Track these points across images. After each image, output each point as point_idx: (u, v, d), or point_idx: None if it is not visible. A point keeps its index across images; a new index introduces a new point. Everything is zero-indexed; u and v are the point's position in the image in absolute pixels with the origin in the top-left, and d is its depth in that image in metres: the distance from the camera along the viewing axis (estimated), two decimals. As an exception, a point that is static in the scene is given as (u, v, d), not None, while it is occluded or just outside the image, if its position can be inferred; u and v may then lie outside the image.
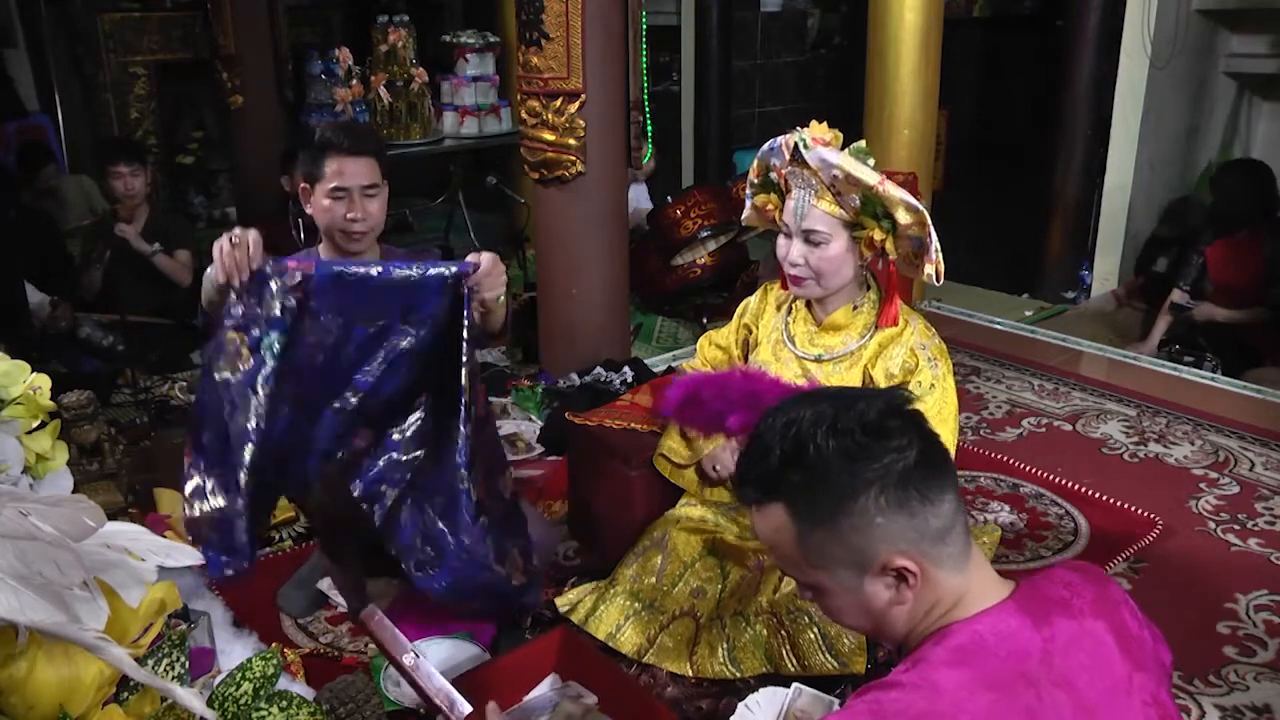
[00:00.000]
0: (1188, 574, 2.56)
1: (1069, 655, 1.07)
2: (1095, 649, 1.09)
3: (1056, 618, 1.09)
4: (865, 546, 1.09)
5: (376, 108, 4.88)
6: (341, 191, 2.24)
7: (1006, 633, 1.08)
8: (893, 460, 1.08)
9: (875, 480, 1.07)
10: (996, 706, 1.02)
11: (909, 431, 1.10)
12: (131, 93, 6.24)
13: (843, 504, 1.08)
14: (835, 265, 2.08)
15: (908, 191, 2.02)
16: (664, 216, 4.58)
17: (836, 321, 2.16)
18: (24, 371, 1.74)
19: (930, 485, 1.09)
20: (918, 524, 1.08)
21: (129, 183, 4.04)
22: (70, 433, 2.42)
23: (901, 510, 1.08)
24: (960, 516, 1.12)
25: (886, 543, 1.08)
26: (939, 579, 1.11)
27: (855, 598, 1.13)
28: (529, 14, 3.16)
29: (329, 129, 2.29)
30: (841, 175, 1.98)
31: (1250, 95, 5.15)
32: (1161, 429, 3.39)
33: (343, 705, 1.82)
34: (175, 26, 6.31)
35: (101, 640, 1.24)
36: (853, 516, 1.08)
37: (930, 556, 1.10)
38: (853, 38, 6.18)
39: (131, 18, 6.18)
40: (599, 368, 3.48)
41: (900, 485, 1.07)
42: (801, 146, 2.04)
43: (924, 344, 2.10)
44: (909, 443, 1.09)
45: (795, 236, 2.09)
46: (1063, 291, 4.99)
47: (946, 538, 1.10)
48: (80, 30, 6.05)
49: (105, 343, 3.86)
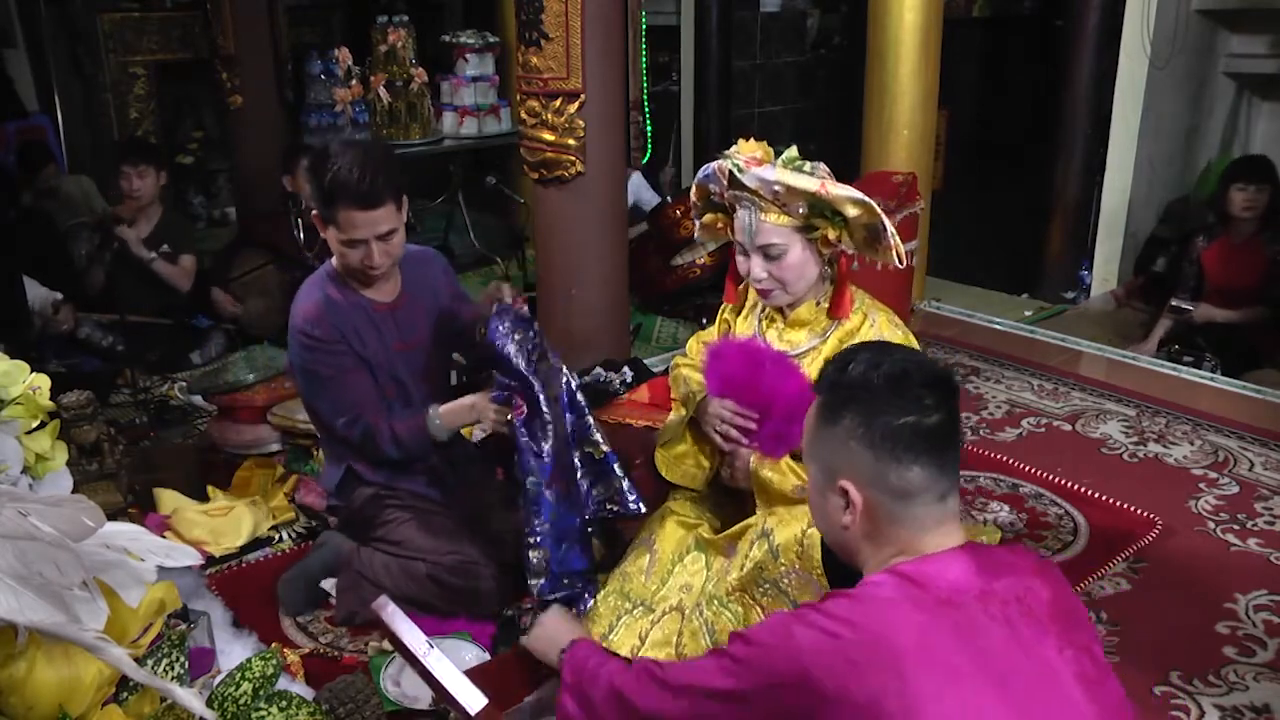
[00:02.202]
0: (1187, 574, 2.56)
1: (1008, 604, 1.20)
2: (1031, 598, 1.23)
3: (1003, 572, 1.24)
4: (834, 460, 1.31)
5: (376, 108, 4.88)
6: (357, 242, 2.19)
7: (948, 571, 1.23)
8: (887, 408, 1.26)
9: (865, 411, 1.27)
10: (926, 627, 1.16)
11: (921, 399, 1.26)
12: (131, 93, 6.23)
13: (840, 413, 1.30)
14: (798, 271, 2.10)
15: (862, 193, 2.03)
16: (664, 216, 4.58)
17: (801, 317, 2.18)
18: (24, 371, 1.74)
19: (905, 450, 1.25)
20: (878, 469, 1.26)
21: (136, 183, 4.03)
22: (70, 433, 2.42)
23: (869, 450, 1.27)
24: (929, 493, 1.26)
25: (849, 466, 1.29)
26: (884, 527, 1.28)
27: (821, 501, 1.35)
28: (528, 14, 3.16)
29: (341, 168, 2.12)
30: (782, 189, 2.01)
31: (1250, 95, 5.15)
32: (1161, 429, 3.39)
33: (342, 705, 1.83)
34: (175, 26, 6.30)
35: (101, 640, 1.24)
36: (839, 428, 1.29)
37: (881, 502, 1.27)
38: (852, 38, 6.18)
39: (131, 18, 6.18)
40: (599, 368, 3.47)
41: (879, 432, 1.26)
42: (736, 171, 2.06)
43: (885, 335, 2.11)
44: (911, 406, 1.26)
45: (752, 252, 2.11)
46: (1062, 291, 4.99)
47: (902, 498, 1.26)
48: (80, 30, 6.04)
49: (105, 343, 3.86)
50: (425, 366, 2.44)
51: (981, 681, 1.14)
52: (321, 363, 2.28)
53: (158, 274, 4.06)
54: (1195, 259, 4.10)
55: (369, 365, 2.33)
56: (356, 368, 2.31)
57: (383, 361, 2.35)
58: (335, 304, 2.30)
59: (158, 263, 4.04)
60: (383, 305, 2.36)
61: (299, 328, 2.28)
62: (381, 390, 2.36)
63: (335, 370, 2.28)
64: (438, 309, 2.46)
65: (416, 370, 2.42)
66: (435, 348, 2.47)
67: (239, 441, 3.25)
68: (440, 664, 1.61)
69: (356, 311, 2.32)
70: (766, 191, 2.04)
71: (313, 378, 2.31)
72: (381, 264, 2.23)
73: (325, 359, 2.28)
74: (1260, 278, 3.94)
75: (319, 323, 2.26)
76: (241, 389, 3.24)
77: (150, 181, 4.07)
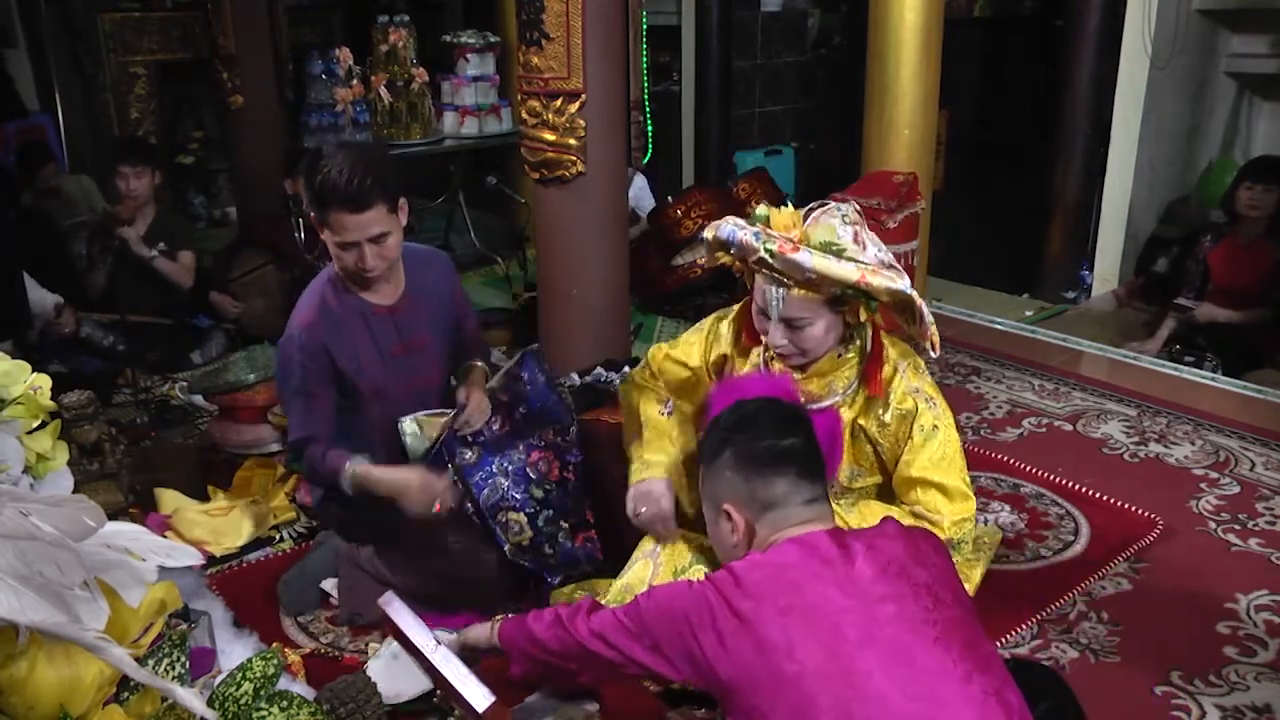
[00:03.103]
0: (1188, 574, 2.56)
1: (851, 561, 1.48)
2: (883, 545, 1.52)
3: (851, 537, 1.53)
4: (717, 492, 1.65)
5: (377, 108, 4.88)
6: (349, 244, 2.18)
7: (805, 540, 1.51)
8: (747, 439, 1.61)
9: (730, 448, 1.62)
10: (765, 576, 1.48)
11: (774, 427, 1.62)
12: (132, 93, 6.23)
13: (716, 455, 1.65)
14: (820, 340, 1.99)
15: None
16: (664, 216, 4.58)
17: (821, 369, 2.06)
18: (24, 371, 1.74)
19: (767, 467, 1.58)
20: (750, 488, 1.59)
21: (132, 183, 4.03)
22: (70, 433, 2.42)
23: (739, 473, 1.60)
24: (795, 498, 1.57)
25: (729, 492, 1.62)
26: (761, 534, 1.59)
27: (715, 531, 1.68)
28: (529, 14, 3.16)
29: (331, 170, 2.12)
30: (816, 276, 1.87)
31: (1251, 95, 5.15)
32: (1162, 429, 3.39)
33: (343, 705, 1.82)
34: (175, 26, 6.30)
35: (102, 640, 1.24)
36: (716, 465, 1.64)
37: (755, 516, 1.59)
38: (853, 38, 6.17)
39: (132, 18, 6.17)
40: (599, 368, 3.47)
41: (744, 457, 1.60)
42: (768, 256, 1.88)
43: (917, 387, 2.01)
44: (768, 433, 1.61)
45: (774, 320, 1.97)
46: (1063, 291, 4.99)
47: (773, 508, 1.58)
48: (80, 30, 6.04)
49: (105, 342, 3.86)
50: (422, 369, 2.43)
51: (815, 616, 1.43)
52: (295, 373, 2.29)
53: (159, 272, 4.06)
54: (1201, 258, 4.10)
55: (348, 379, 2.32)
56: (323, 390, 2.30)
57: (372, 369, 2.34)
58: (330, 311, 2.30)
59: (158, 260, 4.04)
60: (382, 308, 2.36)
61: (291, 331, 2.30)
62: (358, 404, 2.35)
63: (302, 384, 2.30)
64: (440, 311, 2.46)
65: (412, 373, 2.40)
66: (435, 351, 2.46)
67: (239, 441, 3.25)
68: (447, 661, 1.60)
69: (353, 317, 2.32)
70: (798, 275, 1.89)
71: (284, 381, 2.34)
72: (375, 266, 2.22)
73: (300, 371, 2.29)
74: (1266, 279, 3.93)
75: (310, 331, 2.27)
76: (242, 389, 3.24)
77: (146, 181, 4.07)
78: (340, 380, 2.32)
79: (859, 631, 1.41)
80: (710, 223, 2.07)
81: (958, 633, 1.44)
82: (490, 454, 2.38)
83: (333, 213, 2.14)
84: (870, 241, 1.92)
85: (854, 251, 1.87)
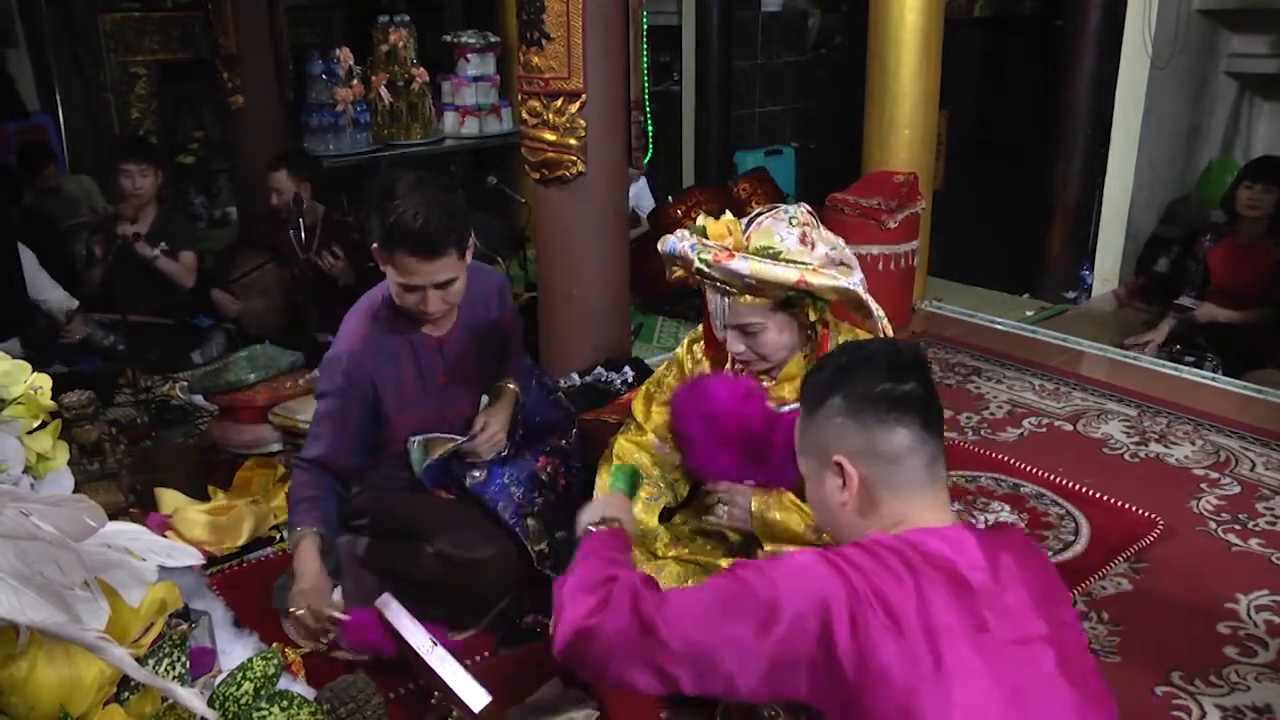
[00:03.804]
0: (1188, 574, 2.56)
1: (1005, 588, 1.23)
2: (1025, 578, 1.27)
3: (999, 552, 1.27)
4: (824, 442, 1.35)
5: (377, 108, 4.88)
6: (414, 288, 2.08)
7: (948, 544, 1.25)
8: (863, 381, 1.33)
9: (844, 389, 1.34)
10: (924, 590, 1.20)
11: (893, 370, 1.33)
12: (132, 93, 6.23)
13: (822, 400, 1.36)
14: (777, 344, 1.97)
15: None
16: (665, 216, 4.58)
17: (789, 373, 2.04)
18: (24, 371, 1.74)
19: (889, 414, 1.31)
20: (866, 437, 1.31)
21: (137, 182, 4.04)
22: (71, 432, 2.42)
23: (856, 420, 1.32)
24: (917, 456, 1.31)
25: (839, 442, 1.33)
26: (880, 496, 1.32)
27: (818, 490, 1.38)
28: (529, 14, 3.16)
29: (405, 211, 1.97)
30: (755, 281, 1.85)
31: (1251, 95, 5.15)
32: (1162, 429, 3.39)
33: (343, 705, 1.82)
34: (176, 26, 6.30)
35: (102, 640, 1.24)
36: (823, 412, 1.35)
37: (873, 471, 1.31)
38: (853, 38, 6.18)
39: (132, 18, 6.17)
40: (599, 368, 3.48)
41: (861, 401, 1.32)
42: (704, 266, 1.87)
43: None
44: (885, 375, 1.33)
45: (728, 329, 1.96)
46: (1063, 291, 4.99)
47: (893, 463, 1.31)
48: (81, 30, 6.04)
49: (106, 342, 3.86)
50: (457, 401, 2.36)
51: (972, 650, 1.17)
52: (334, 396, 2.22)
53: (161, 271, 4.06)
54: (1201, 257, 4.10)
55: (385, 406, 2.25)
56: (356, 420, 2.23)
57: (414, 400, 2.27)
58: (380, 340, 2.23)
59: (160, 260, 4.05)
60: (432, 339, 2.27)
61: (339, 351, 2.22)
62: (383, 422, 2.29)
63: (339, 410, 2.22)
64: (489, 338, 2.37)
65: (445, 404, 2.34)
66: (475, 382, 2.38)
67: (240, 441, 3.25)
68: (443, 661, 1.61)
69: (402, 346, 2.25)
70: (738, 283, 1.88)
71: (321, 395, 2.26)
72: (437, 310, 2.13)
73: (339, 396, 2.21)
74: (1266, 279, 3.93)
75: (356, 359, 2.19)
76: (242, 389, 3.24)
77: (150, 180, 4.08)
78: (377, 404, 2.25)
79: (1019, 675, 1.18)
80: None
81: (1091, 679, 1.26)
82: (498, 467, 2.35)
83: (401, 255, 2.03)
84: (821, 240, 1.90)
85: (796, 253, 1.85)
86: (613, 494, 1.87)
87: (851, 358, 1.38)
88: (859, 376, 1.34)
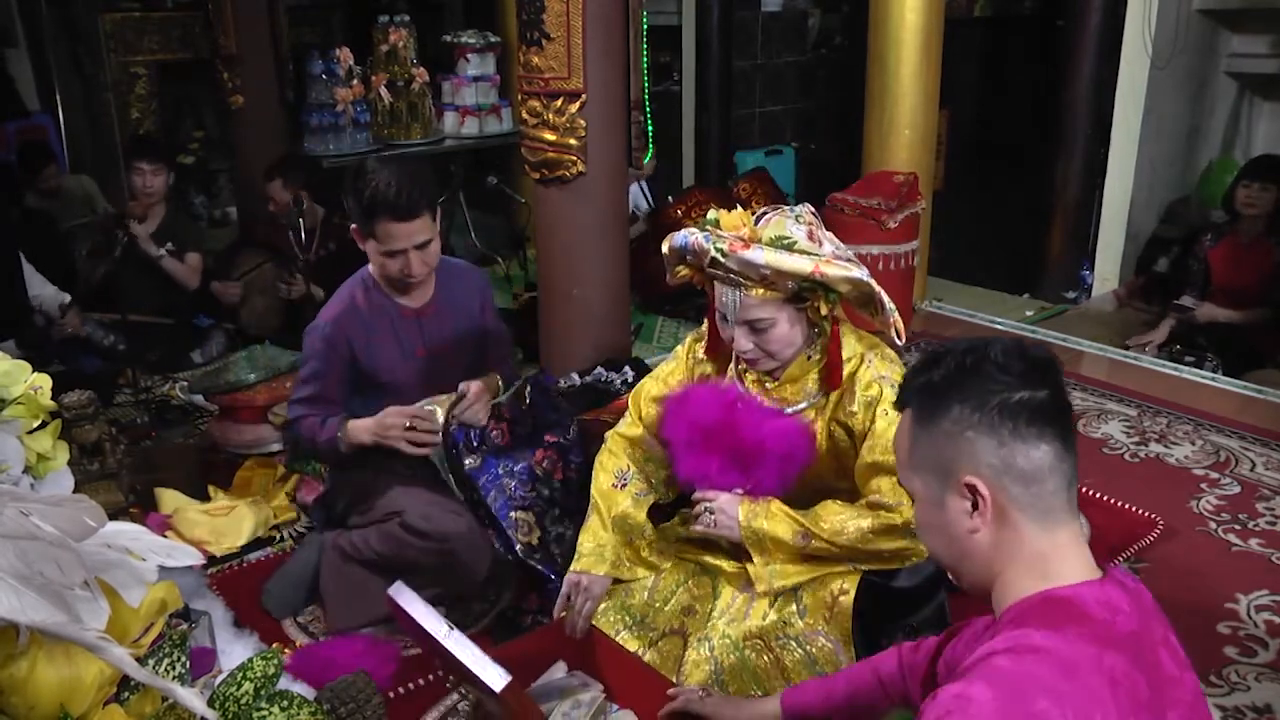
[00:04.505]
0: (1189, 574, 2.56)
1: (1156, 647, 1.13)
2: (1169, 640, 1.16)
3: (1148, 611, 1.15)
4: (951, 457, 1.15)
5: (377, 108, 4.88)
6: (395, 252, 2.26)
7: (1109, 603, 1.10)
8: (996, 387, 1.13)
9: (973, 396, 1.14)
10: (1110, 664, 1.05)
11: (1027, 374, 1.14)
12: (132, 92, 6.23)
13: (942, 408, 1.15)
14: (785, 341, 1.95)
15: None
16: (665, 216, 4.58)
17: (792, 374, 2.02)
18: (24, 371, 1.74)
19: (1028, 426, 1.12)
20: (1004, 454, 1.12)
21: (149, 180, 4.06)
22: (71, 432, 2.42)
23: (991, 434, 1.12)
24: (1058, 476, 1.13)
25: (970, 459, 1.13)
26: (1019, 523, 1.13)
27: (939, 513, 1.18)
28: (529, 14, 3.16)
29: (379, 183, 2.20)
30: (770, 272, 1.84)
31: (1251, 95, 5.15)
32: (1162, 429, 3.39)
33: (343, 705, 1.82)
34: (176, 26, 6.30)
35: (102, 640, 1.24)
36: (947, 422, 1.15)
37: (1010, 494, 1.13)
38: (853, 38, 6.17)
39: (132, 18, 6.17)
40: (599, 368, 3.47)
41: (996, 411, 1.12)
42: (720, 256, 1.87)
43: (883, 374, 1.95)
44: (1019, 382, 1.13)
45: (736, 325, 1.94)
46: (1063, 291, 4.99)
47: (1033, 484, 1.12)
48: (81, 30, 6.04)
49: (106, 342, 3.86)
50: (445, 374, 2.43)
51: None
52: (313, 356, 2.36)
53: (166, 271, 4.07)
54: (1201, 257, 4.11)
55: (367, 373, 2.38)
56: (335, 371, 2.37)
57: (392, 365, 2.39)
58: (358, 309, 2.38)
59: (166, 260, 4.06)
60: (410, 310, 2.41)
61: (317, 322, 2.38)
62: (380, 398, 2.37)
63: (318, 365, 2.36)
64: (468, 324, 2.50)
65: (434, 376, 2.42)
66: (459, 359, 2.48)
67: (240, 441, 3.25)
68: (461, 644, 1.59)
69: (381, 316, 2.38)
70: (753, 274, 1.87)
71: (304, 364, 2.40)
72: (420, 272, 2.30)
73: (318, 354, 2.35)
74: (1266, 279, 3.93)
75: (335, 323, 2.35)
76: (242, 389, 3.24)
77: (162, 179, 4.11)
78: (359, 374, 2.38)
79: None
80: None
81: None
82: (494, 458, 2.41)
83: (382, 223, 2.22)
84: (826, 239, 1.90)
85: (807, 245, 1.85)
86: None
87: (973, 357, 1.16)
88: (987, 380, 1.14)
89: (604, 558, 2.09)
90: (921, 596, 2.04)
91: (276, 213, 4.19)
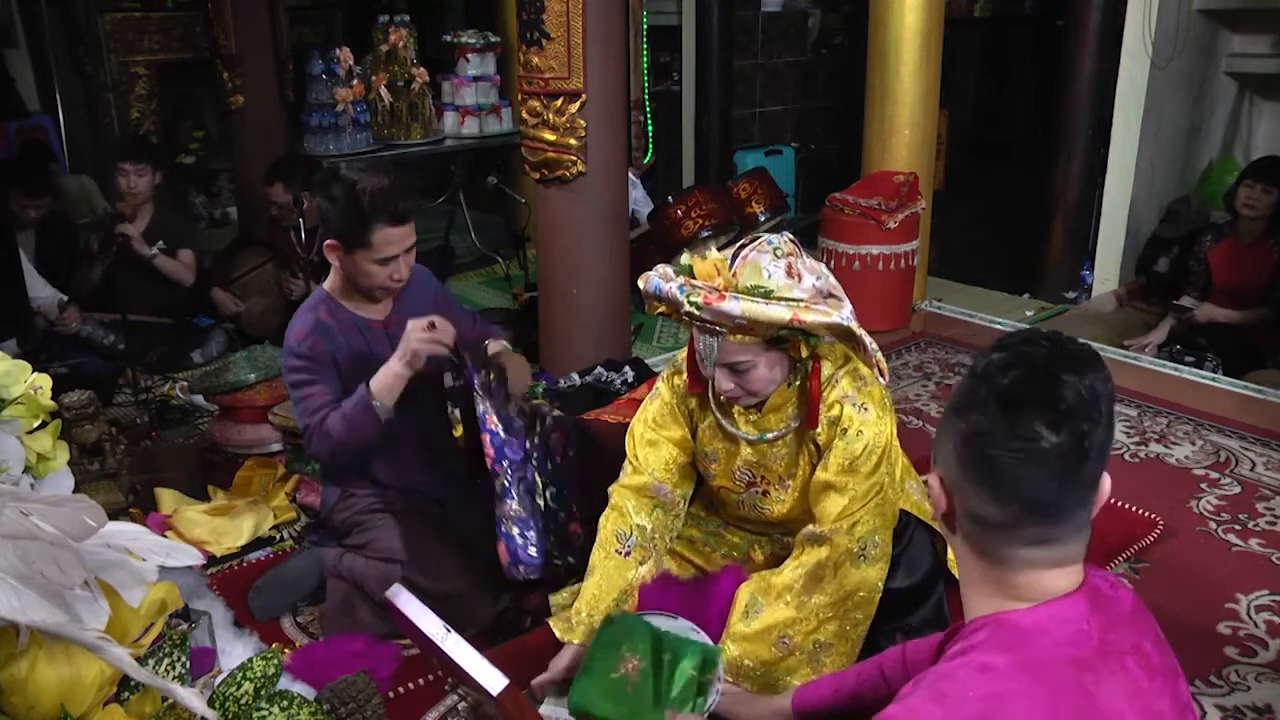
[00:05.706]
0: (1189, 574, 2.56)
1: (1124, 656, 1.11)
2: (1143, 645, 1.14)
3: (1116, 619, 1.13)
4: (939, 445, 1.18)
5: (377, 108, 4.88)
6: (389, 259, 2.23)
7: (1063, 624, 1.10)
8: (987, 427, 1.10)
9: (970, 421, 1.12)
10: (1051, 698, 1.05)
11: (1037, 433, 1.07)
12: (132, 93, 6.24)
13: (961, 410, 1.14)
14: (767, 380, 1.93)
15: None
16: (665, 216, 4.58)
17: (774, 404, 2.02)
18: (24, 371, 1.74)
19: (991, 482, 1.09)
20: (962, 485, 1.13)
21: (134, 181, 4.06)
22: (71, 432, 2.42)
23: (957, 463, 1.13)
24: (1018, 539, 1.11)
25: (943, 459, 1.16)
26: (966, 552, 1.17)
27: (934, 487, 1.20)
28: (530, 14, 3.17)
29: (372, 194, 2.15)
30: (747, 322, 1.79)
31: (1251, 95, 5.15)
32: (1162, 429, 3.39)
33: (343, 705, 1.83)
34: (176, 26, 6.31)
35: (102, 640, 1.24)
36: (954, 420, 1.15)
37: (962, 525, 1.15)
38: (854, 38, 6.18)
39: (132, 18, 6.18)
40: (599, 368, 3.48)
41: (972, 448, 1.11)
42: (695, 309, 1.80)
43: (847, 394, 1.93)
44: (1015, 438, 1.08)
45: (716, 367, 1.91)
46: (1063, 291, 4.99)
47: (982, 525, 1.13)
48: (81, 30, 6.05)
49: (106, 342, 3.86)
50: (426, 376, 2.38)
51: None
52: (299, 371, 2.29)
53: (160, 269, 4.07)
54: (1201, 257, 4.11)
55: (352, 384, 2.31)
56: (326, 377, 2.30)
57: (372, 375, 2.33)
58: (327, 326, 2.32)
59: (159, 258, 4.06)
60: (377, 323, 2.38)
61: (290, 348, 2.30)
62: None
63: (307, 377, 2.28)
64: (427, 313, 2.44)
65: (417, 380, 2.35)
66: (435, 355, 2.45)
67: (240, 441, 3.25)
68: (459, 646, 1.59)
69: (351, 331, 2.34)
70: (730, 324, 1.82)
71: (292, 387, 2.32)
72: (406, 276, 2.29)
73: (304, 368, 2.28)
74: (1266, 279, 3.94)
75: (309, 341, 2.28)
76: (243, 389, 3.24)
77: (147, 180, 4.10)
78: (345, 392, 2.31)
79: None
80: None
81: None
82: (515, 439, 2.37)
83: (381, 229, 2.18)
84: (807, 271, 1.84)
85: (785, 289, 1.79)
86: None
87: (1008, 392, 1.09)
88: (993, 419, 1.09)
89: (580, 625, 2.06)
90: (918, 596, 2.04)
91: (278, 216, 4.20)
